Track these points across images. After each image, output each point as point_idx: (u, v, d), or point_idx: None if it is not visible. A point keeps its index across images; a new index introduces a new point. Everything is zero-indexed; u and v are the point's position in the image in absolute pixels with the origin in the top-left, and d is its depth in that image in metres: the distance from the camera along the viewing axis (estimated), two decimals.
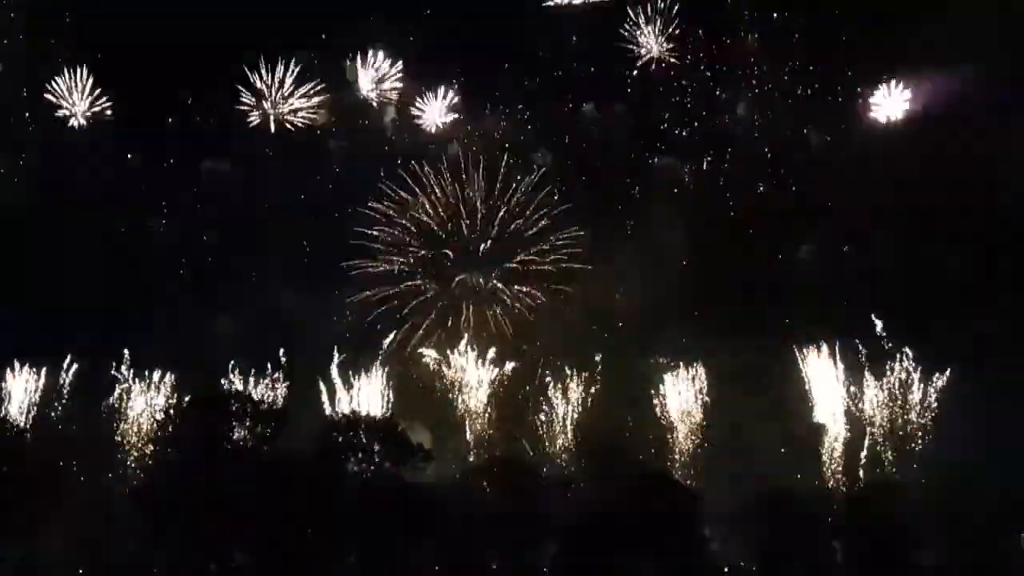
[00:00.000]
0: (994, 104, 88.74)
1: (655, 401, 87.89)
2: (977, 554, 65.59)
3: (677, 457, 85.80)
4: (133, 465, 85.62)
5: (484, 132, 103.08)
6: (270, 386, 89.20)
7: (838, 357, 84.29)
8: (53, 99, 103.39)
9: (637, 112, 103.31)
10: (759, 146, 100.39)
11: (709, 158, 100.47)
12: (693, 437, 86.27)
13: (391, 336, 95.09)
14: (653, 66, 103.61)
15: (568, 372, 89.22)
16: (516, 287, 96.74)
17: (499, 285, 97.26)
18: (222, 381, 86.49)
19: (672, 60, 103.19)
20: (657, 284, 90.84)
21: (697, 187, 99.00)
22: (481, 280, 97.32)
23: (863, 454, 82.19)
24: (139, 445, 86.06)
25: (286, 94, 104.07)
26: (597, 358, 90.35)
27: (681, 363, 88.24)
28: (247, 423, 72.16)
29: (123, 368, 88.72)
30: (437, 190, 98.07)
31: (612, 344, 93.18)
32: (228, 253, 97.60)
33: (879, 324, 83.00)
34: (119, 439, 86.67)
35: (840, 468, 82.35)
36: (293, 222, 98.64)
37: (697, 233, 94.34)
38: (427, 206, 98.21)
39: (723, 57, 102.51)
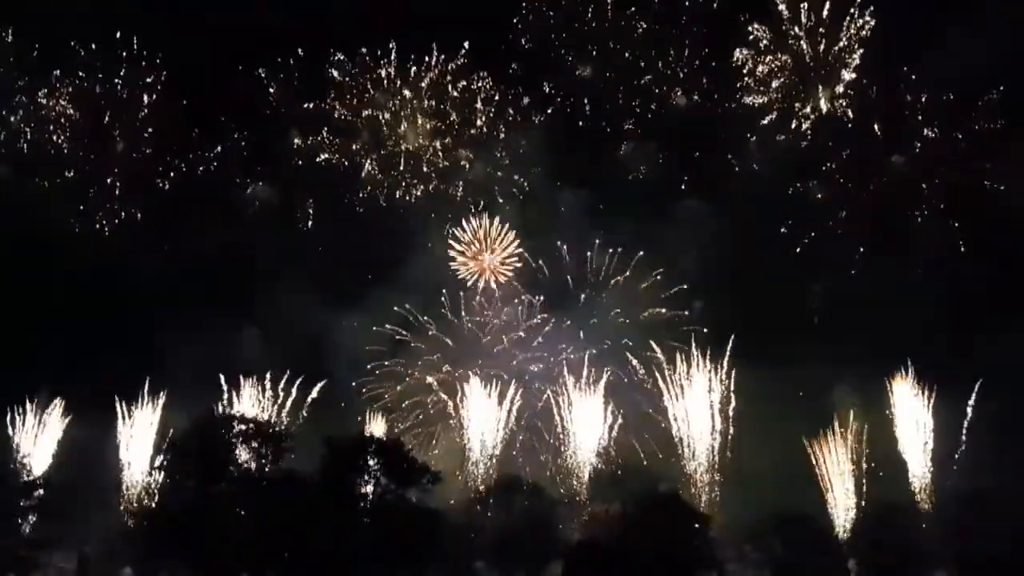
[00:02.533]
0: None
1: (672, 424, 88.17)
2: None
3: (692, 477, 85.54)
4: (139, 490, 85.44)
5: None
6: (281, 407, 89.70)
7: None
8: None
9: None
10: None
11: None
12: (709, 459, 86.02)
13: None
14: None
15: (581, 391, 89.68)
16: None
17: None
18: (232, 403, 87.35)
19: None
20: (681, 306, 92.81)
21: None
22: None
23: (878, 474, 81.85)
24: (145, 469, 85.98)
25: None
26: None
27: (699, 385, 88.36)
28: (251, 445, 72.07)
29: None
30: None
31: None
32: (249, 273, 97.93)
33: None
34: (126, 462, 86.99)
35: (855, 489, 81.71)
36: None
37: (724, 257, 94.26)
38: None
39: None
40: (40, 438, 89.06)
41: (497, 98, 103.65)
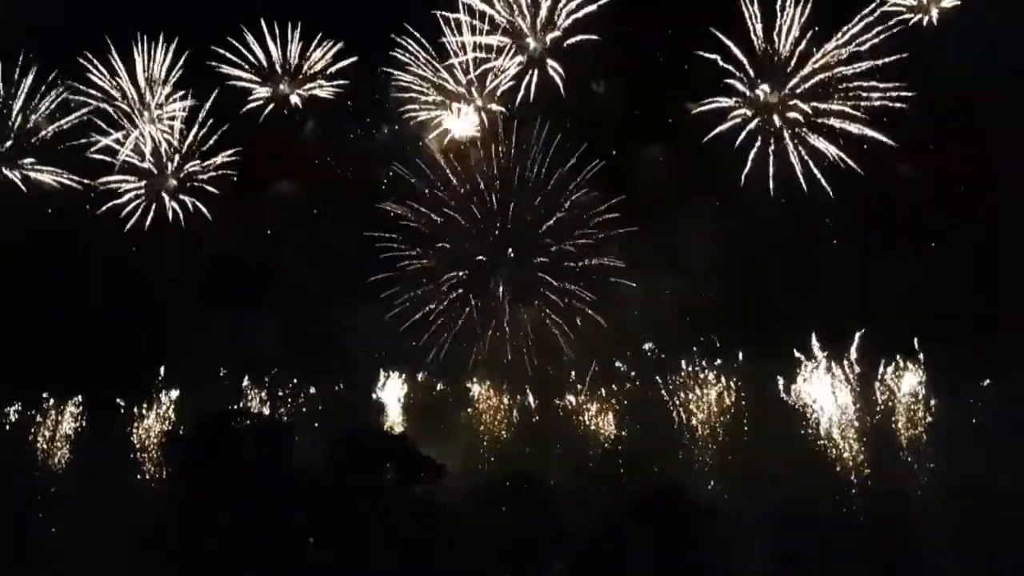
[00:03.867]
0: None
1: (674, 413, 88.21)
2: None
3: (696, 469, 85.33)
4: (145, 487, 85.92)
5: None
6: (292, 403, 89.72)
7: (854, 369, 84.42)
8: None
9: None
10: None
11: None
12: (713, 448, 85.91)
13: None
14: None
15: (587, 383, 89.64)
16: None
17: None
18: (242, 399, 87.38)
19: None
20: (682, 297, 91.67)
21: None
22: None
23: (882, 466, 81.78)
24: (148, 467, 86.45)
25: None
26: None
27: (703, 375, 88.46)
28: (256, 441, 72.01)
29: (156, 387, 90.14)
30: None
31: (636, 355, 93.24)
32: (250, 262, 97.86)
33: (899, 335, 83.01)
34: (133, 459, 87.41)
35: (861, 482, 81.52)
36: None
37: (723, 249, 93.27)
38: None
39: None
40: (51, 436, 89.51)
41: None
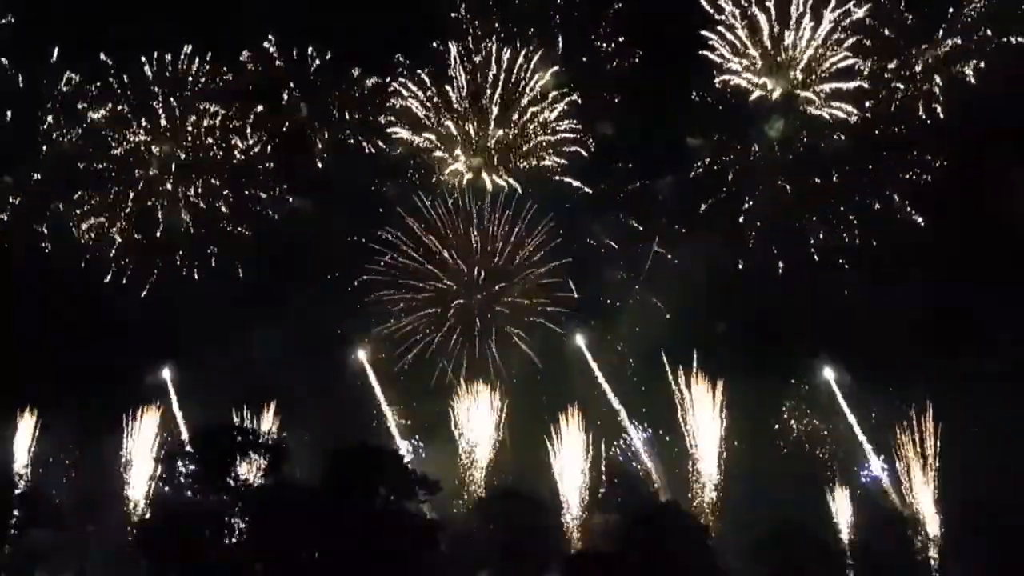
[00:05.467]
0: None
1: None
2: None
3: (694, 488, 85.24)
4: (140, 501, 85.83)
5: None
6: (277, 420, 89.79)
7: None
8: None
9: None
10: None
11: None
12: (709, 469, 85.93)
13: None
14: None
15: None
16: None
17: None
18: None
19: None
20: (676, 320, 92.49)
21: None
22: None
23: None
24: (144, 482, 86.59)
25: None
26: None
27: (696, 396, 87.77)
28: (251, 455, 72.19)
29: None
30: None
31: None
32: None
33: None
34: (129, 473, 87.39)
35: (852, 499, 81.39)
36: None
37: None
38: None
39: None
40: (49, 455, 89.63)
41: None
